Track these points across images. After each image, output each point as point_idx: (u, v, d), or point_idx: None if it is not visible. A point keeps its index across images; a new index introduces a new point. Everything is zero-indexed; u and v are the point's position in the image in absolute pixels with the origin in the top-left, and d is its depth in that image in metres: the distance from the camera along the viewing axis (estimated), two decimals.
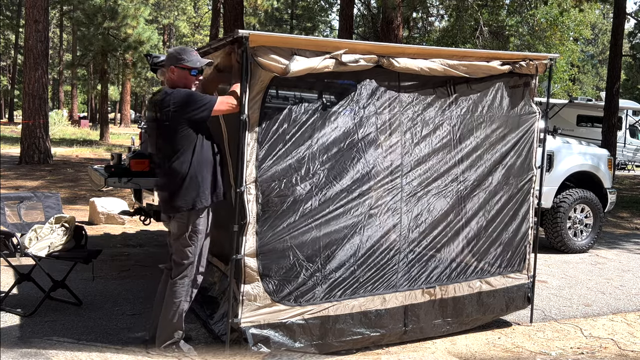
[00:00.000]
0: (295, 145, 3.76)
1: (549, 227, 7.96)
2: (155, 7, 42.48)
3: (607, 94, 15.68)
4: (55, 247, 4.82)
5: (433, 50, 4.23)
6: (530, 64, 4.55)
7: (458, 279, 4.44)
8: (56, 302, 4.88)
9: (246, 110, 3.56)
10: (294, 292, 3.82)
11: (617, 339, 4.73)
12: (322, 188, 3.85)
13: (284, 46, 3.60)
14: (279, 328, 3.78)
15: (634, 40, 38.05)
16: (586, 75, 51.83)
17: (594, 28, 47.90)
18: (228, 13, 14.35)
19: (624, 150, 20.96)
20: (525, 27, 21.88)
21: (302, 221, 3.80)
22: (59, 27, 45.79)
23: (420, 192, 4.24)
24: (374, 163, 4.04)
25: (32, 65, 14.34)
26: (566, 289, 6.20)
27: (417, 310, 4.27)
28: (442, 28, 26.16)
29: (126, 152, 7.38)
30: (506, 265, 4.68)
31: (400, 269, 4.18)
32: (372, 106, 4.01)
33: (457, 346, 4.41)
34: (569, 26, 23.03)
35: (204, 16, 47.67)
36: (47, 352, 3.94)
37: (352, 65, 3.75)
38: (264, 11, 35.52)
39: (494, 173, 4.55)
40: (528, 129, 4.70)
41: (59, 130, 28.37)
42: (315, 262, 3.87)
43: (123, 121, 41.56)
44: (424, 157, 4.25)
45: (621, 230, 10.34)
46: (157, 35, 26.79)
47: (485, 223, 4.54)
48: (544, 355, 4.33)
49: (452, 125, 4.35)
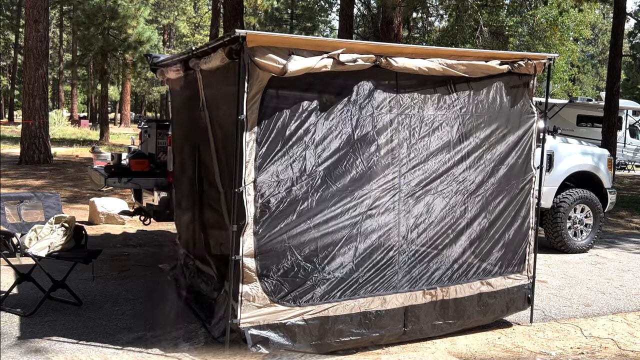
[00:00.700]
0: (294, 146, 3.76)
1: (549, 227, 7.96)
2: (155, 7, 42.47)
3: (607, 94, 15.68)
4: (55, 247, 4.82)
5: (431, 50, 4.23)
6: (529, 64, 4.55)
7: (459, 280, 4.44)
8: (56, 302, 4.88)
9: (244, 111, 3.56)
10: (293, 293, 3.82)
11: (617, 339, 4.73)
12: (320, 188, 3.85)
13: (282, 46, 3.59)
14: (278, 329, 3.78)
15: (634, 40, 38.08)
16: (586, 75, 51.82)
17: (594, 28, 47.87)
18: (228, 13, 14.35)
19: (624, 150, 20.94)
20: (525, 27, 21.89)
21: (301, 221, 3.80)
22: (59, 27, 45.79)
23: (418, 193, 4.23)
24: (372, 163, 4.03)
25: (32, 65, 14.35)
26: (566, 289, 6.19)
27: (417, 311, 4.27)
28: (442, 28, 26.16)
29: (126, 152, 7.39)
30: (507, 266, 4.68)
31: (400, 269, 4.18)
32: (370, 106, 4.01)
33: (457, 346, 4.40)
34: (569, 26, 23.03)
35: (204, 16, 47.68)
36: (47, 352, 3.94)
37: (350, 64, 3.75)
38: (263, 11, 35.53)
39: (493, 173, 4.55)
40: (527, 129, 4.69)
41: (59, 130, 28.38)
42: (314, 262, 3.87)
43: (123, 121, 41.56)
44: (423, 157, 4.24)
45: (621, 230, 10.34)
46: (157, 35, 26.78)
47: (486, 224, 4.53)
48: (544, 355, 4.33)
49: (451, 125, 4.35)
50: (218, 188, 4.28)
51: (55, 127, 27.16)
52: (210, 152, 4.39)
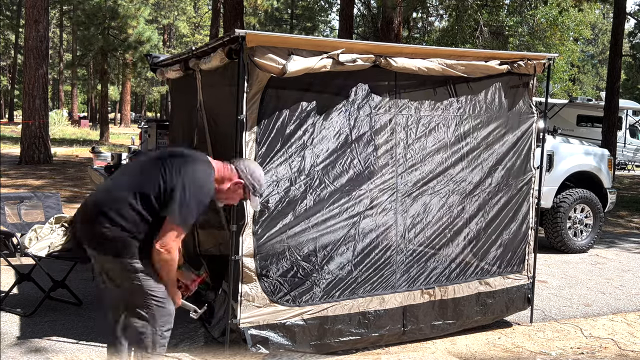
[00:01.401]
0: (293, 146, 3.76)
1: (549, 227, 7.96)
2: (155, 7, 42.47)
3: (607, 94, 15.67)
4: (55, 247, 4.81)
5: (430, 50, 4.23)
6: (529, 64, 4.55)
7: (457, 279, 4.44)
8: (56, 302, 4.88)
9: (244, 111, 3.56)
10: (292, 293, 3.82)
11: (617, 339, 4.73)
12: (319, 188, 3.85)
13: (281, 46, 3.58)
14: (277, 329, 3.78)
15: (634, 40, 38.08)
16: (586, 75, 51.82)
17: (594, 28, 47.88)
18: (228, 13, 14.36)
19: (624, 150, 20.93)
20: (525, 27, 21.89)
21: (299, 221, 3.80)
22: (59, 27, 45.80)
23: (417, 193, 4.23)
24: (371, 163, 4.03)
25: (32, 65, 14.36)
26: (566, 289, 6.19)
27: (416, 311, 4.27)
28: (442, 28, 26.15)
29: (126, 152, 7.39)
30: (505, 266, 4.67)
31: (398, 269, 4.18)
32: (369, 106, 4.01)
33: (457, 346, 4.40)
34: (569, 26, 23.03)
35: (204, 16, 47.69)
36: (47, 352, 3.94)
37: (350, 64, 3.74)
38: (263, 11, 35.56)
39: (492, 173, 4.55)
40: (527, 129, 4.69)
41: (59, 130, 28.38)
42: (312, 262, 3.86)
43: (123, 121, 41.58)
44: (421, 157, 4.24)
45: (621, 230, 10.34)
46: (157, 35, 26.80)
47: (484, 224, 4.53)
48: (544, 355, 4.33)
49: (450, 125, 4.35)
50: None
51: (55, 127, 27.17)
52: (208, 152, 4.39)
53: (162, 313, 3.05)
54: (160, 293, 3.03)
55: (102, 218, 2.92)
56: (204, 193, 3.00)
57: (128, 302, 3.06)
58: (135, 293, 2.99)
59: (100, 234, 2.93)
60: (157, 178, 2.96)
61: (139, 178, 3.04)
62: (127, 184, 3.03)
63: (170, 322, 3.12)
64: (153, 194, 2.94)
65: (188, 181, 2.95)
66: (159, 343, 3.08)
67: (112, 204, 2.95)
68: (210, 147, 4.32)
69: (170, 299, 3.09)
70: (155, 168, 3.02)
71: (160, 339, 3.09)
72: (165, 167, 2.99)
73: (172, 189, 2.92)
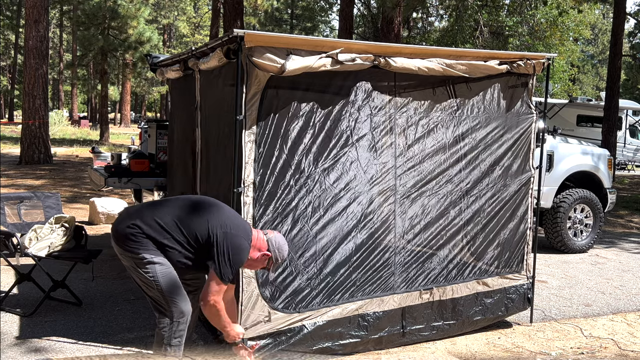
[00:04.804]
0: (293, 146, 3.74)
1: (548, 227, 7.96)
2: (155, 7, 42.48)
3: (607, 94, 15.66)
4: (55, 247, 4.82)
5: (429, 50, 4.21)
6: (528, 64, 4.55)
7: (455, 279, 4.44)
8: (56, 302, 4.88)
9: (243, 111, 3.56)
10: (292, 298, 3.80)
11: (617, 339, 4.73)
12: (318, 189, 3.83)
13: (280, 46, 3.57)
14: (277, 336, 3.77)
15: (634, 40, 38.07)
16: (586, 75, 51.83)
17: (593, 28, 47.87)
18: (228, 13, 14.35)
19: (624, 150, 20.91)
20: (525, 28, 21.88)
21: (298, 222, 3.78)
22: (59, 27, 45.77)
23: (415, 194, 4.23)
24: (370, 164, 4.03)
25: (32, 65, 14.36)
26: (566, 289, 6.20)
27: (414, 311, 4.27)
28: (442, 28, 26.14)
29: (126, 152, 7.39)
30: (504, 266, 4.67)
31: (397, 270, 4.18)
32: (369, 106, 4.00)
33: (457, 346, 4.41)
34: (569, 26, 23.02)
35: (204, 16, 47.68)
36: (47, 352, 3.94)
37: (349, 64, 3.74)
38: (263, 11, 35.56)
39: (491, 173, 4.55)
40: (526, 129, 4.69)
41: (59, 130, 28.39)
42: (311, 265, 3.84)
43: (123, 121, 41.56)
44: (420, 157, 4.24)
45: (621, 230, 10.34)
46: (157, 35, 26.79)
47: (483, 224, 4.53)
48: (544, 355, 4.33)
49: (450, 126, 4.35)
50: (215, 189, 4.27)
51: (55, 127, 27.17)
52: (207, 152, 4.39)
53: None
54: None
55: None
56: (241, 260, 3.35)
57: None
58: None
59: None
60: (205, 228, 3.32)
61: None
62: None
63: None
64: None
65: (229, 249, 3.27)
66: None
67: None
68: (208, 147, 4.31)
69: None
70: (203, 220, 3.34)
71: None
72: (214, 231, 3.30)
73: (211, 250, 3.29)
